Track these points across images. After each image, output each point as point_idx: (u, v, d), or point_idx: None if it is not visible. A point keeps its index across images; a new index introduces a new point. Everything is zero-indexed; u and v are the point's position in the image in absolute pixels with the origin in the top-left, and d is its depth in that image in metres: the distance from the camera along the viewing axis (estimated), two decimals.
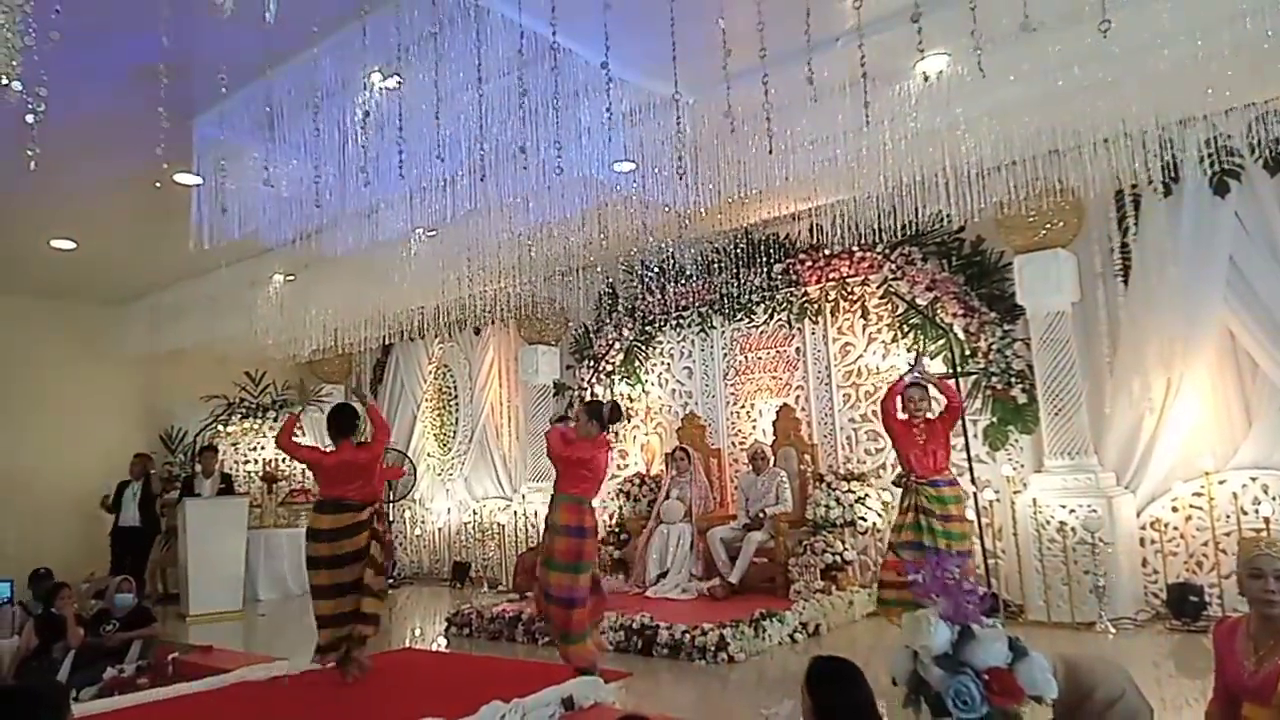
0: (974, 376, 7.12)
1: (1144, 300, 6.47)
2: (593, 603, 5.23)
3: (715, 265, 8.58)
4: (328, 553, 5.30)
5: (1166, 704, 4.38)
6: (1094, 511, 6.23)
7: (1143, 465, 6.47)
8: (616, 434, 9.56)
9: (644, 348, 9.43)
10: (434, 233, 6.96)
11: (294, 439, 5.82)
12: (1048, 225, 6.63)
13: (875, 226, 6.68)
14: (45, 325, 10.08)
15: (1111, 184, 6.12)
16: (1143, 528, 6.43)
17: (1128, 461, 6.53)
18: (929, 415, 5.51)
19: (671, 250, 8.26)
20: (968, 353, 7.17)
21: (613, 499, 9.26)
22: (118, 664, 6.27)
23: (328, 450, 5.75)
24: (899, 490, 6.31)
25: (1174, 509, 6.32)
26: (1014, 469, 6.89)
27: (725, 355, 8.88)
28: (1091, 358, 6.72)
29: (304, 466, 6.95)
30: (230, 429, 10.64)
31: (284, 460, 10.59)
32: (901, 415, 5.53)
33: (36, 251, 8.25)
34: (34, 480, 9.60)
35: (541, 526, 9.21)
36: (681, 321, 9.10)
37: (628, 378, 9.53)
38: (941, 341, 7.34)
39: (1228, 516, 6.05)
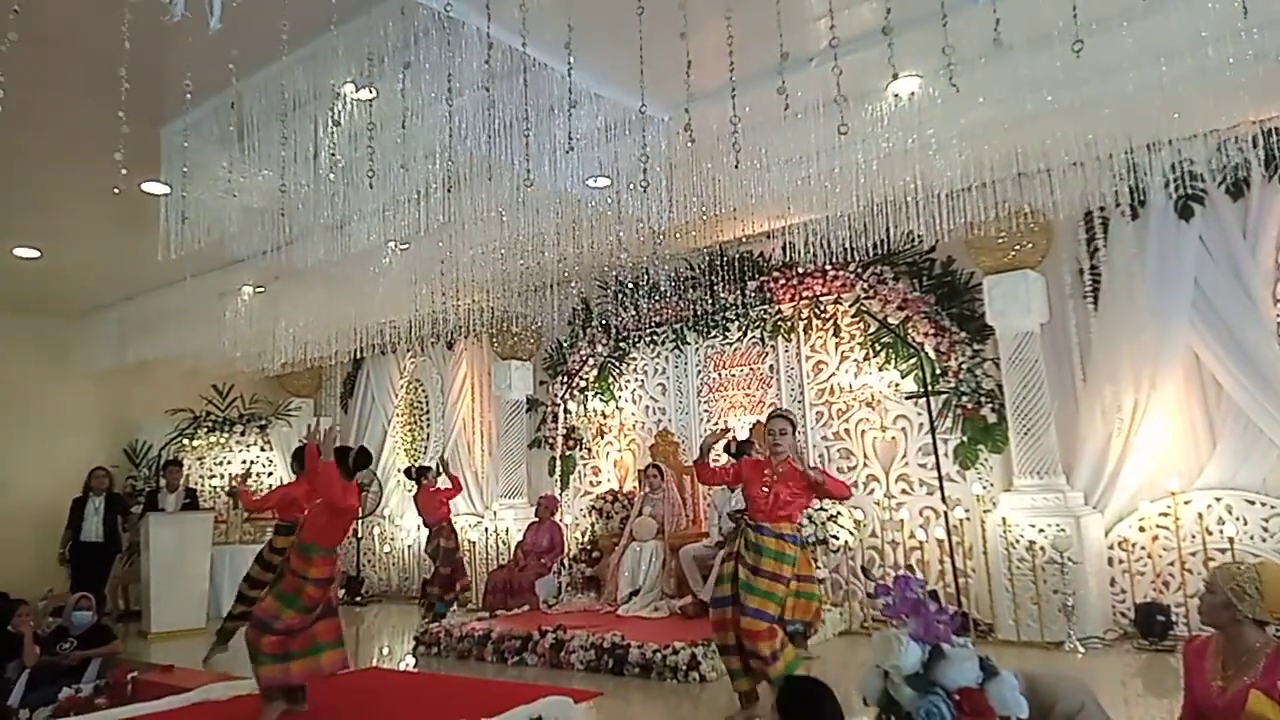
0: (944, 395, 7.17)
1: (1113, 321, 6.56)
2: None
3: (689, 282, 8.60)
4: None
5: None
6: (1063, 531, 6.28)
7: (1110, 485, 6.53)
8: (590, 451, 9.54)
9: (618, 364, 9.41)
10: (406, 246, 6.91)
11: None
12: (1017, 246, 6.72)
13: (848, 245, 6.71)
14: (9, 336, 9.88)
15: (1080, 206, 6.21)
16: (1111, 547, 6.49)
17: (1096, 481, 6.59)
18: (790, 457, 4.77)
19: (646, 266, 8.26)
20: (938, 372, 7.22)
21: (585, 516, 9.21)
22: (75, 683, 6.12)
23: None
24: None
25: (1141, 529, 6.38)
26: (984, 488, 6.93)
27: (699, 372, 8.88)
28: (1060, 378, 6.79)
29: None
30: (196, 443, 10.45)
31: (251, 476, 10.43)
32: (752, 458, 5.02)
33: None
34: None
35: (513, 544, 9.19)
36: (655, 338, 9.09)
37: (601, 394, 9.50)
38: (913, 360, 7.39)
39: (1193, 536, 6.11)
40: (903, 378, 7.49)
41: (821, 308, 7.98)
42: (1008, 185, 5.99)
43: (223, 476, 10.44)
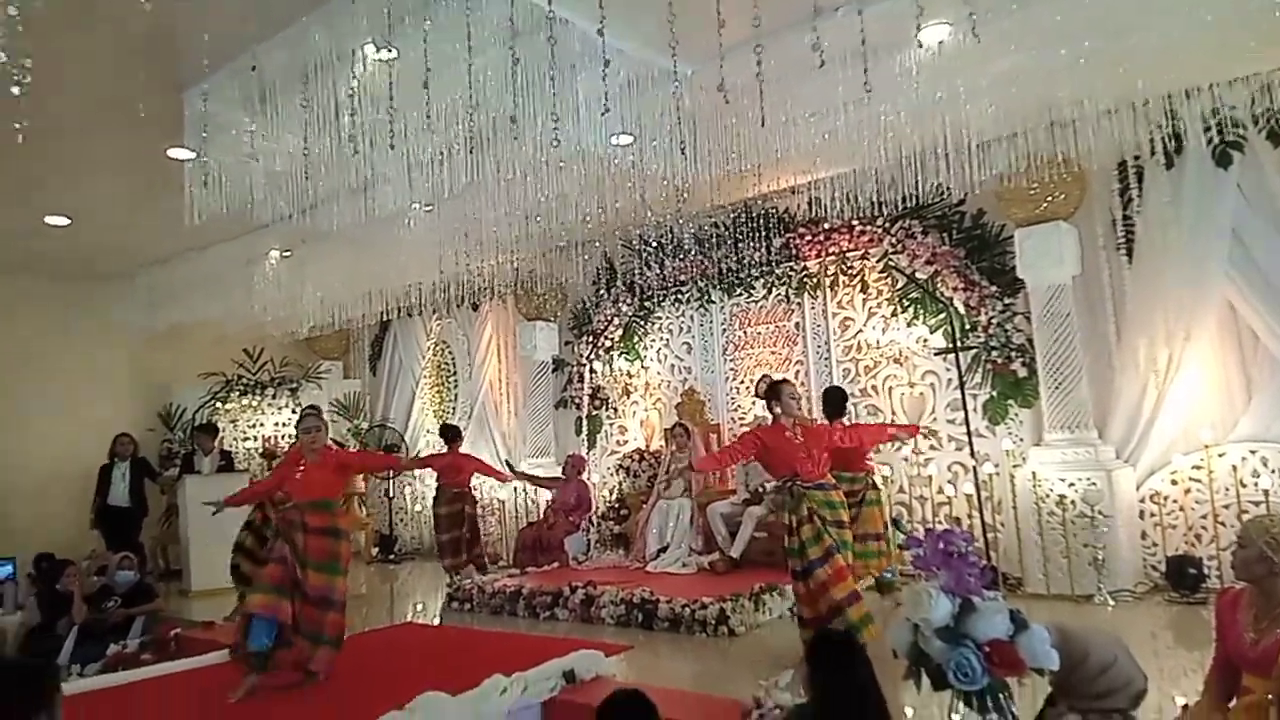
0: (974, 350, 7.11)
1: (1147, 273, 6.44)
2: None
3: (714, 240, 8.52)
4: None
5: (1165, 674, 4.40)
6: (1093, 484, 6.24)
7: (1143, 438, 6.46)
8: (616, 410, 9.58)
9: (643, 323, 9.41)
10: (431, 207, 6.91)
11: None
12: (1049, 197, 6.59)
13: (875, 200, 6.63)
14: (44, 304, 10.02)
15: (1114, 155, 6.07)
16: (1142, 500, 6.44)
17: (1128, 435, 6.52)
18: (797, 418, 5.09)
19: (670, 225, 8.21)
20: (968, 327, 7.15)
21: (612, 474, 9.28)
22: (121, 640, 6.31)
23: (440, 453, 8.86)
24: (851, 478, 6.07)
25: (1173, 482, 6.33)
26: (1014, 443, 6.89)
27: (724, 330, 8.85)
28: (1093, 331, 6.70)
29: None
30: (229, 406, 10.62)
31: (283, 437, 10.60)
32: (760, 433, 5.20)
33: (32, 228, 8.18)
34: (34, 460, 9.61)
35: (541, 503, 9.28)
36: (680, 296, 9.06)
37: (627, 353, 9.51)
38: (942, 315, 7.31)
39: (1227, 489, 6.05)
40: (931, 333, 7.43)
41: (848, 263, 7.90)
42: (1040, 135, 5.87)
43: (255, 439, 10.62)
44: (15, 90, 3.16)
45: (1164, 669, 4.54)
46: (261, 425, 10.80)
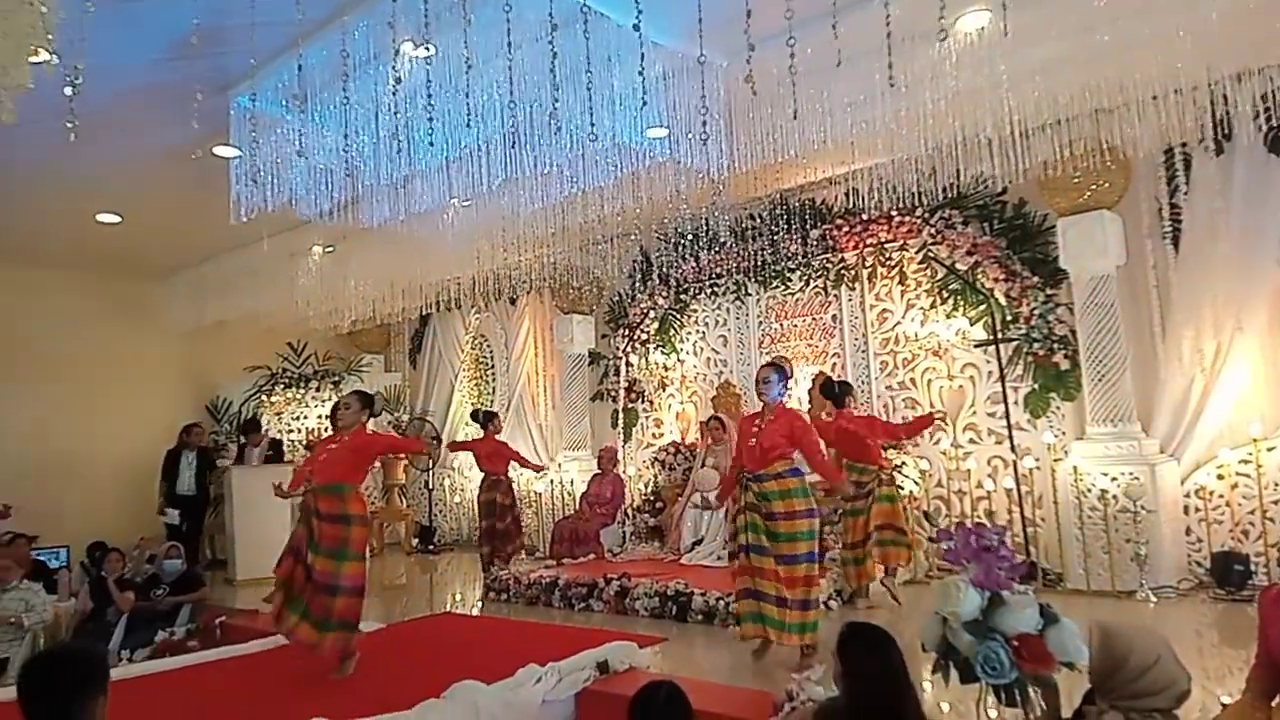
0: (1015, 343, 7.00)
1: (1194, 263, 6.29)
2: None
3: (750, 232, 8.49)
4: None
5: (1209, 673, 4.32)
6: (1136, 479, 6.12)
7: (1189, 432, 6.32)
8: (652, 403, 9.60)
9: (679, 316, 9.41)
10: (469, 203, 6.97)
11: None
12: (1093, 186, 6.46)
13: (914, 190, 6.54)
14: (94, 299, 10.30)
15: (1160, 142, 5.93)
16: (1187, 495, 6.31)
17: (1174, 428, 6.39)
18: (780, 404, 5.03)
19: (706, 217, 8.19)
20: (1009, 318, 7.04)
21: (648, 467, 9.30)
22: (168, 627, 6.49)
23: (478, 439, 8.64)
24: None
25: (1220, 477, 6.19)
26: (1055, 436, 6.78)
27: (760, 323, 8.82)
28: (1137, 322, 6.57)
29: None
30: (274, 399, 10.84)
31: (326, 430, 10.79)
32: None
33: (84, 226, 8.41)
34: (86, 451, 9.89)
35: (578, 495, 9.34)
36: (716, 289, 9.05)
37: (663, 346, 9.53)
38: (982, 307, 7.21)
39: (1276, 484, 5.91)
40: (971, 325, 7.33)
41: (886, 255, 7.82)
42: (1084, 122, 5.75)
43: (300, 431, 10.82)
44: (68, 91, 3.26)
45: (1208, 668, 4.45)
46: (305, 418, 11.00)
